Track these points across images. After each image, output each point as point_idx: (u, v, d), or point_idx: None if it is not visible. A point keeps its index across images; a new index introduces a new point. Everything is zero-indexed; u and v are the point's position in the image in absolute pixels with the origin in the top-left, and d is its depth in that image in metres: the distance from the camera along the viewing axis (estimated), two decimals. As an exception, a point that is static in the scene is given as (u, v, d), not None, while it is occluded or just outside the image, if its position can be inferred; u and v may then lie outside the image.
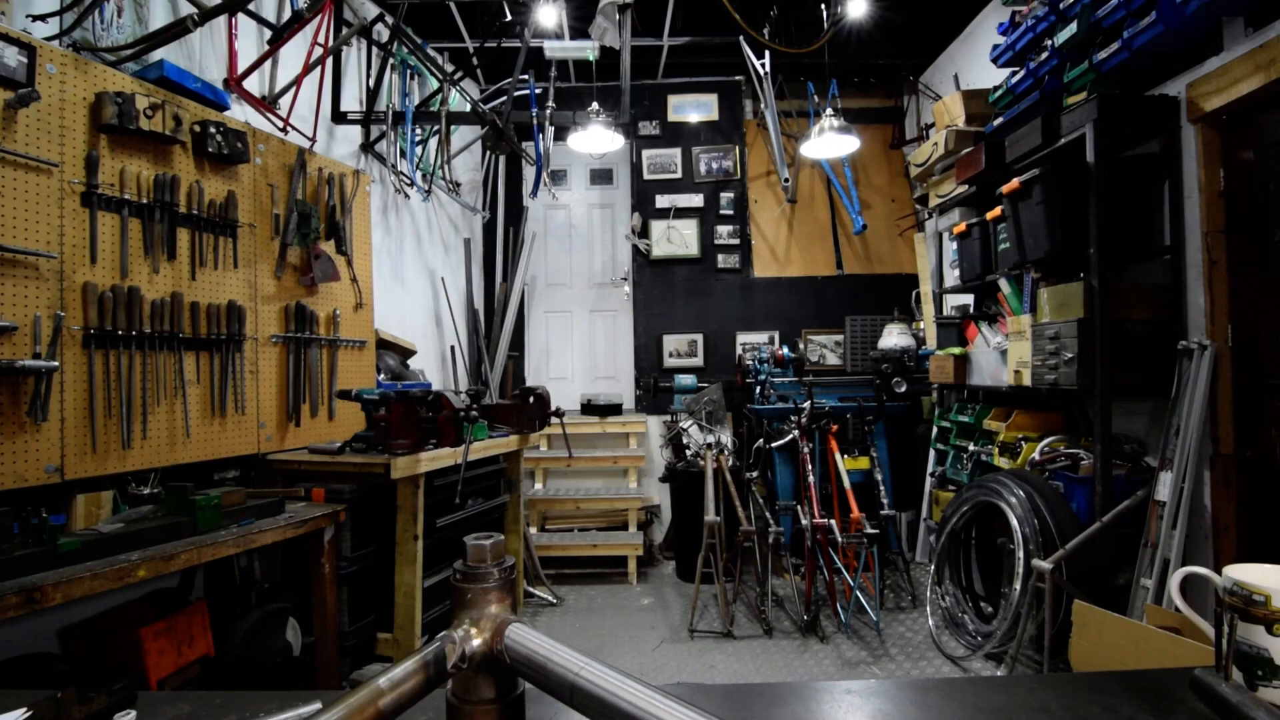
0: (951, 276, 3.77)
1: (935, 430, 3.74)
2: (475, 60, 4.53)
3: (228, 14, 2.42)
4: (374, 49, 3.71)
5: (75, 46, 1.98)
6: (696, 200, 4.93)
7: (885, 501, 3.49)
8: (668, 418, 4.48)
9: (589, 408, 4.65)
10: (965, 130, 3.44)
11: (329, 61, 3.25)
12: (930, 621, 3.05)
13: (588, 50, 3.73)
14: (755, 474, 3.82)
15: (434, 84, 3.95)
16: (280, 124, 2.80)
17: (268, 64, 2.81)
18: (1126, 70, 2.45)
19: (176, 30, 2.12)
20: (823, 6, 3.91)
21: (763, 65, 4.37)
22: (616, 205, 5.21)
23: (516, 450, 3.27)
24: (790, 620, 3.26)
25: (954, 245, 3.60)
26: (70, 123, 1.86)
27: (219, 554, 1.80)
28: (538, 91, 3.86)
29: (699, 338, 4.90)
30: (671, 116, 4.99)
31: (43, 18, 1.94)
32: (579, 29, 3.90)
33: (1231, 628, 0.64)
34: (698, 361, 4.89)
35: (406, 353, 3.68)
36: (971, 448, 3.33)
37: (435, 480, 2.60)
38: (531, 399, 3.16)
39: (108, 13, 2.12)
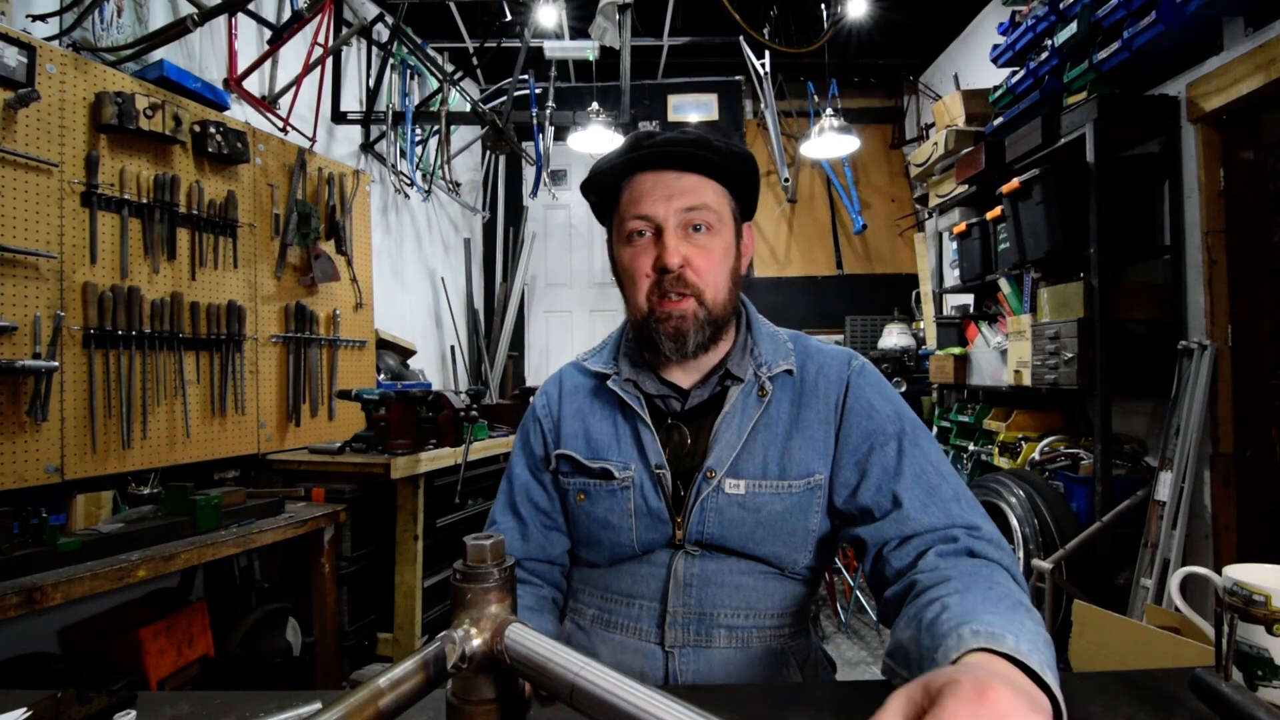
0: (951, 276, 3.76)
1: (935, 430, 3.74)
2: (475, 60, 4.53)
3: (228, 14, 2.42)
4: (374, 49, 3.71)
5: (75, 46, 1.98)
6: (697, 200, 4.93)
7: (885, 501, 3.49)
8: (668, 418, 4.47)
9: (589, 408, 4.64)
10: (965, 130, 3.44)
11: (329, 61, 3.25)
12: (930, 621, 3.05)
13: (588, 50, 3.73)
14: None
15: (434, 84, 3.95)
16: (280, 124, 2.80)
17: (268, 64, 2.81)
18: (1126, 70, 2.45)
19: (176, 30, 2.12)
20: (823, 6, 3.91)
21: (763, 65, 4.37)
22: (617, 205, 5.22)
23: (516, 450, 3.26)
24: (790, 620, 3.26)
25: (954, 245, 3.60)
26: (70, 123, 1.86)
27: (219, 554, 1.80)
28: (538, 91, 3.86)
29: (699, 338, 4.90)
30: (671, 116, 4.99)
31: (43, 18, 1.94)
32: (579, 29, 3.90)
33: (1231, 628, 0.64)
34: (698, 361, 4.89)
35: (406, 353, 3.68)
36: (971, 448, 3.33)
37: (435, 480, 2.60)
38: (531, 399, 3.14)
39: (108, 13, 2.12)
